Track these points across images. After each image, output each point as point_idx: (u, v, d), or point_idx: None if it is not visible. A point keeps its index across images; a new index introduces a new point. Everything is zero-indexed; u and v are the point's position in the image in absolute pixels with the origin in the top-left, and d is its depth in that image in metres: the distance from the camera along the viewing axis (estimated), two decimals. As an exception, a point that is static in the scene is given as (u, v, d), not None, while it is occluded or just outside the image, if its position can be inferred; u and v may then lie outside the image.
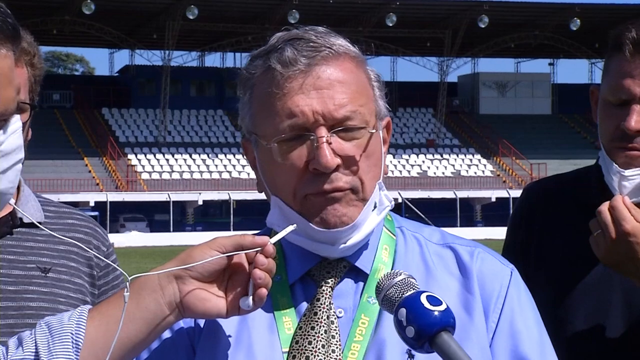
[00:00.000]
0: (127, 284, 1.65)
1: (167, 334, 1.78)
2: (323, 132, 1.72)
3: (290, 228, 1.73)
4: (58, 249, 2.40)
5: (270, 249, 1.67)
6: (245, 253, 1.68)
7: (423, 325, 1.54)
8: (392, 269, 1.80)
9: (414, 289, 1.59)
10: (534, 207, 2.63)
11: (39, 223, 2.36)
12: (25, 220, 2.36)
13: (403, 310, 1.56)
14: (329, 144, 1.71)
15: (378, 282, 1.64)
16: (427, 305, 1.55)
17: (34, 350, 1.63)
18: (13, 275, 2.32)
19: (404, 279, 1.62)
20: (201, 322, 1.79)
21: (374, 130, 1.77)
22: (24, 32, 2.35)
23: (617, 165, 2.35)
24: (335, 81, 1.74)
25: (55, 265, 2.38)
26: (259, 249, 1.67)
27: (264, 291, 1.66)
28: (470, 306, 1.78)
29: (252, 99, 1.79)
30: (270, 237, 1.72)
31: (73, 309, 2.30)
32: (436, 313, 1.55)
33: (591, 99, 2.53)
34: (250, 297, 1.66)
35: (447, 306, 1.56)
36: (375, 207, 1.78)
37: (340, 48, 1.77)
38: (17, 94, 1.76)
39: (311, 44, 1.75)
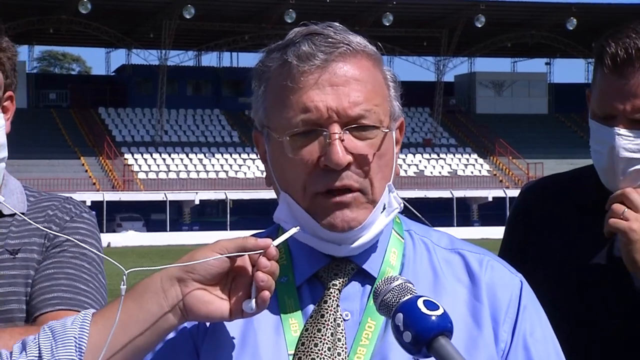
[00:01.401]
0: (124, 277, 1.65)
1: (170, 336, 1.76)
2: (336, 128, 1.70)
3: (294, 230, 1.72)
4: (29, 228, 2.34)
5: (273, 251, 1.66)
6: (249, 255, 1.66)
7: (420, 330, 1.53)
8: (400, 273, 1.79)
9: (411, 294, 1.58)
10: (531, 207, 2.63)
11: (21, 213, 2.33)
12: (5, 212, 2.34)
13: (400, 315, 1.55)
14: (342, 141, 1.70)
15: (375, 287, 1.63)
16: (424, 310, 1.54)
17: (37, 355, 1.63)
18: None
19: (401, 283, 1.60)
20: (206, 324, 1.78)
21: (387, 130, 1.75)
22: None
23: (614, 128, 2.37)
24: (351, 78, 1.72)
25: (25, 245, 2.33)
26: (262, 251, 1.65)
27: (266, 294, 1.65)
28: (479, 314, 1.77)
29: (267, 92, 1.77)
30: (277, 237, 1.71)
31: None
32: (433, 318, 1.53)
33: (588, 101, 2.55)
34: (253, 300, 1.65)
35: (445, 311, 1.55)
36: (384, 208, 1.77)
37: (358, 46, 1.76)
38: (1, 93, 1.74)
39: (329, 39, 1.74)
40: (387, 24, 58.61)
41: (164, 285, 1.66)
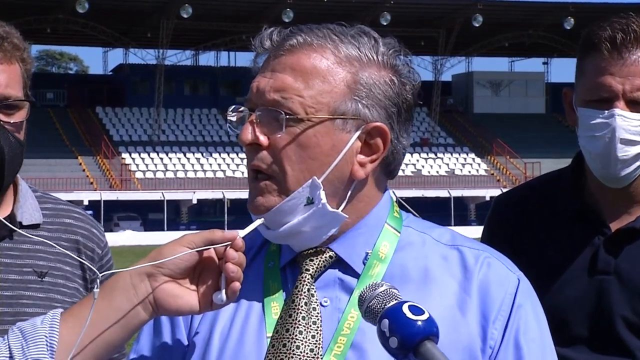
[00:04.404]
0: (97, 281, 1.66)
1: (165, 323, 1.82)
2: (255, 109, 1.76)
3: (259, 222, 1.75)
4: (54, 251, 2.38)
5: (239, 242, 1.68)
6: (215, 248, 1.68)
7: (406, 335, 1.52)
8: (388, 266, 1.80)
9: (396, 300, 1.58)
10: (507, 217, 2.60)
11: (37, 225, 2.37)
12: (25, 223, 2.35)
13: (386, 321, 1.55)
14: (255, 122, 1.75)
15: (360, 294, 1.63)
16: (409, 315, 1.54)
17: (8, 355, 1.63)
18: (9, 280, 2.32)
19: (386, 289, 1.60)
20: (197, 317, 1.81)
21: (312, 122, 1.74)
22: (11, 28, 2.34)
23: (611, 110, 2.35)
24: (289, 67, 1.75)
25: (52, 269, 2.37)
26: (229, 243, 1.68)
27: (237, 285, 1.67)
28: (465, 306, 1.76)
29: None
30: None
31: None
32: (419, 323, 1.53)
33: (565, 101, 2.52)
34: (223, 291, 1.67)
35: (430, 315, 1.55)
36: (311, 202, 1.75)
37: (324, 42, 1.77)
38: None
39: (292, 31, 1.79)
40: (385, 24, 58.55)
41: (134, 281, 1.67)
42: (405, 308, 1.55)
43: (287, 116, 1.73)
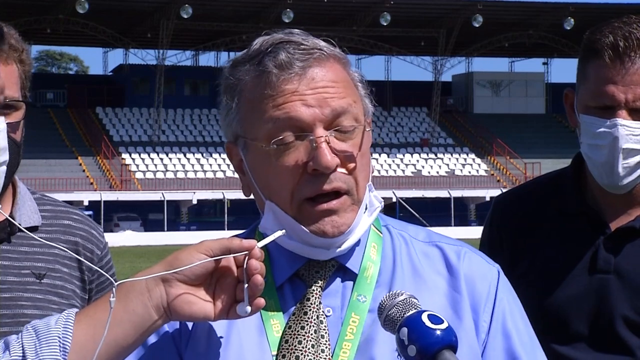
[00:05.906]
0: (114, 289, 1.65)
1: (152, 341, 1.77)
2: (321, 132, 1.72)
3: (279, 233, 1.72)
4: (53, 252, 2.38)
5: (257, 252, 1.66)
6: (234, 257, 1.67)
7: (424, 344, 1.53)
8: (380, 267, 1.81)
9: (415, 309, 1.59)
10: (507, 218, 2.60)
11: (36, 227, 2.37)
12: (23, 225, 2.35)
13: (405, 330, 1.55)
14: (328, 143, 1.71)
15: (380, 303, 1.63)
16: (428, 324, 1.54)
17: (21, 354, 1.62)
18: (8, 281, 2.32)
19: (406, 298, 1.61)
20: (189, 326, 1.79)
21: (368, 129, 1.78)
22: (9, 29, 2.34)
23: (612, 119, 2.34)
24: (328, 82, 1.75)
25: (50, 271, 2.37)
26: (247, 252, 1.66)
27: (262, 301, 1.66)
28: (459, 305, 1.80)
29: (241, 103, 1.78)
30: (255, 238, 1.72)
31: None
32: (438, 332, 1.54)
33: (565, 102, 2.52)
34: (247, 303, 1.65)
35: (449, 325, 1.56)
36: (366, 208, 1.79)
37: (328, 50, 1.78)
38: (1, 94, 1.73)
39: (302, 46, 1.76)
40: (385, 24, 58.59)
41: (149, 286, 1.66)
42: (424, 317, 1.56)
43: (354, 129, 1.74)
